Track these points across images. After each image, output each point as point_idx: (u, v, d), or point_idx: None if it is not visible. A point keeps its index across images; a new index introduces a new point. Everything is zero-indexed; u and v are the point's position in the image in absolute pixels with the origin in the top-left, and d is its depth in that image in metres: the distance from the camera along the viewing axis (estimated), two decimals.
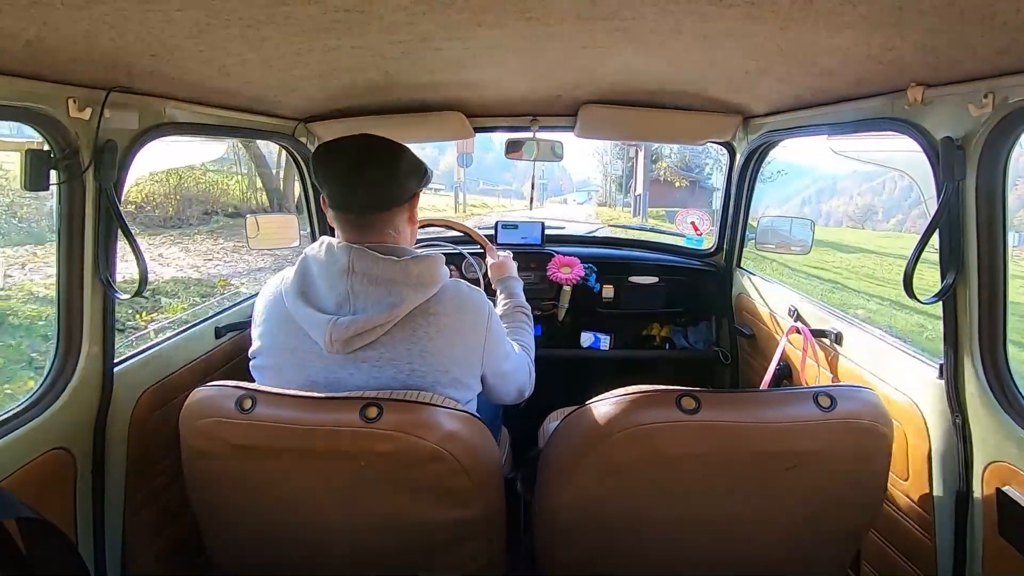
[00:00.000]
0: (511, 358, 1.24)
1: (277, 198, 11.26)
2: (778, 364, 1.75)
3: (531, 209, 2.54)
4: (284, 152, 2.03)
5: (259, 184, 11.53)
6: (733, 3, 0.80)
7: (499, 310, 1.47)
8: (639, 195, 19.36)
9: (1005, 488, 1.03)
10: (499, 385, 1.21)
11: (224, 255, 8.18)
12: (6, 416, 1.04)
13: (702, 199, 20.72)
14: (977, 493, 1.10)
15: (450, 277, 1.14)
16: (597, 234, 2.74)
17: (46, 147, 1.05)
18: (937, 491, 1.18)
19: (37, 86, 0.98)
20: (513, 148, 2.17)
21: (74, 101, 1.03)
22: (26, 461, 1.02)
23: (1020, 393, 1.08)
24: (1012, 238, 1.13)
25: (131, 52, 0.95)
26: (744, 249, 2.22)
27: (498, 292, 1.55)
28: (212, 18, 0.84)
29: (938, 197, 1.09)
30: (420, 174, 1.15)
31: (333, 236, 1.13)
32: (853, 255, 13.87)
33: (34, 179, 1.03)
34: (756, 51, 1.07)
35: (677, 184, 21.78)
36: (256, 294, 1.77)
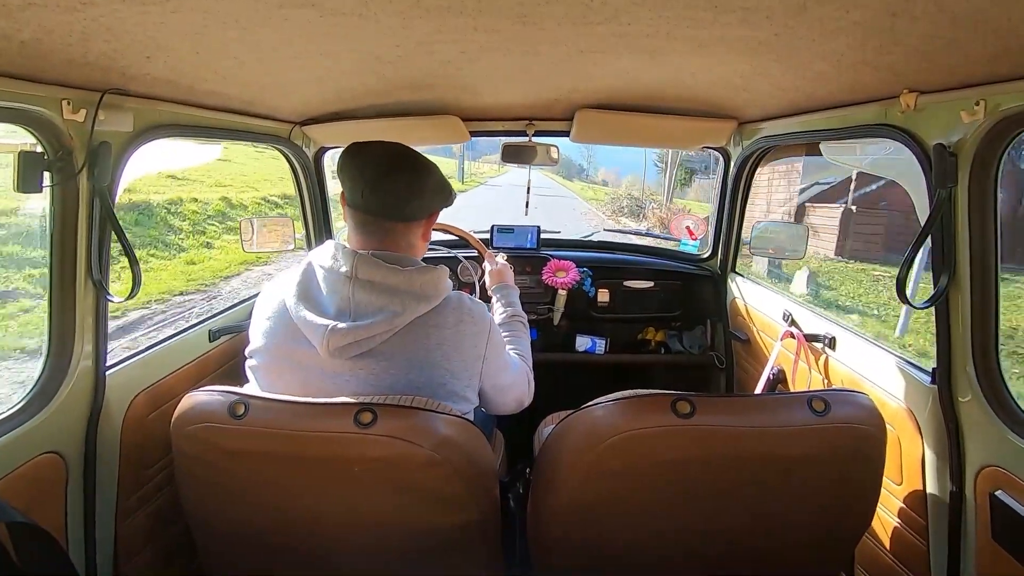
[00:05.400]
0: (510, 370, 1.23)
1: None
2: (772, 369, 1.76)
3: (526, 215, 2.54)
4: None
5: None
6: (728, 9, 0.81)
7: (497, 319, 1.47)
8: None
9: (997, 492, 1.03)
10: (497, 397, 1.20)
11: None
12: None
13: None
14: (970, 497, 1.10)
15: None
16: (592, 238, 2.74)
17: (39, 149, 1.05)
18: (930, 495, 1.19)
19: (31, 88, 0.97)
20: (510, 154, 2.19)
21: (68, 103, 1.03)
22: (17, 465, 1.01)
23: (1012, 397, 1.08)
24: None
25: (126, 54, 0.95)
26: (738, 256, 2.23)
27: (495, 300, 1.55)
28: (208, 21, 0.84)
29: (930, 203, 1.10)
30: (445, 195, 1.15)
31: (334, 240, 1.12)
32: None
33: (27, 181, 1.02)
34: (750, 57, 1.07)
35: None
36: (249, 298, 1.77)
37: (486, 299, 1.51)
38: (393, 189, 1.07)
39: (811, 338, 1.62)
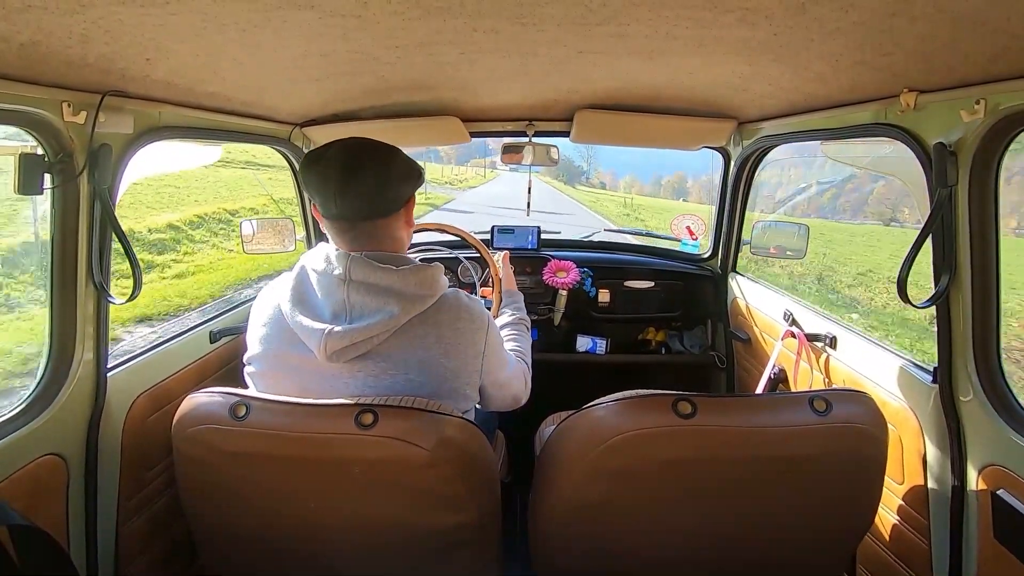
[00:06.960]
0: (508, 367, 1.23)
1: None
2: (773, 368, 1.76)
3: (528, 215, 2.56)
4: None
5: None
6: (727, 9, 0.81)
7: (505, 319, 1.50)
8: None
9: (999, 492, 1.03)
10: (494, 394, 1.20)
11: None
12: None
13: None
14: (972, 497, 1.10)
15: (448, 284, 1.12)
16: (593, 238, 2.75)
17: (40, 151, 1.05)
18: (932, 495, 1.18)
19: (31, 90, 0.97)
20: (510, 153, 2.19)
21: (68, 105, 1.03)
22: (18, 467, 1.01)
23: (1014, 396, 1.08)
24: None
25: (126, 56, 0.95)
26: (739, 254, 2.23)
27: (505, 304, 1.57)
28: (208, 22, 0.84)
29: (931, 202, 1.10)
30: (414, 177, 1.10)
31: (327, 243, 1.11)
32: None
33: (28, 183, 1.03)
34: (750, 57, 1.07)
35: None
36: (250, 299, 1.77)
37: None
38: (362, 189, 1.04)
39: (812, 337, 1.62)
